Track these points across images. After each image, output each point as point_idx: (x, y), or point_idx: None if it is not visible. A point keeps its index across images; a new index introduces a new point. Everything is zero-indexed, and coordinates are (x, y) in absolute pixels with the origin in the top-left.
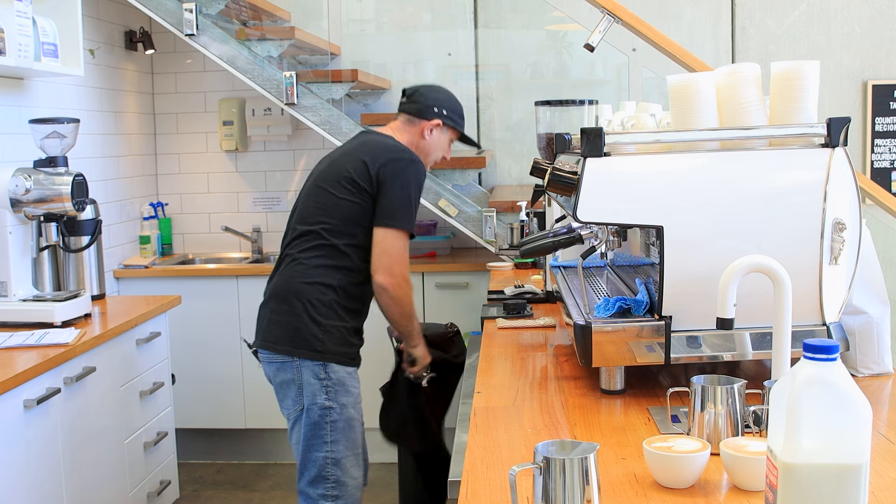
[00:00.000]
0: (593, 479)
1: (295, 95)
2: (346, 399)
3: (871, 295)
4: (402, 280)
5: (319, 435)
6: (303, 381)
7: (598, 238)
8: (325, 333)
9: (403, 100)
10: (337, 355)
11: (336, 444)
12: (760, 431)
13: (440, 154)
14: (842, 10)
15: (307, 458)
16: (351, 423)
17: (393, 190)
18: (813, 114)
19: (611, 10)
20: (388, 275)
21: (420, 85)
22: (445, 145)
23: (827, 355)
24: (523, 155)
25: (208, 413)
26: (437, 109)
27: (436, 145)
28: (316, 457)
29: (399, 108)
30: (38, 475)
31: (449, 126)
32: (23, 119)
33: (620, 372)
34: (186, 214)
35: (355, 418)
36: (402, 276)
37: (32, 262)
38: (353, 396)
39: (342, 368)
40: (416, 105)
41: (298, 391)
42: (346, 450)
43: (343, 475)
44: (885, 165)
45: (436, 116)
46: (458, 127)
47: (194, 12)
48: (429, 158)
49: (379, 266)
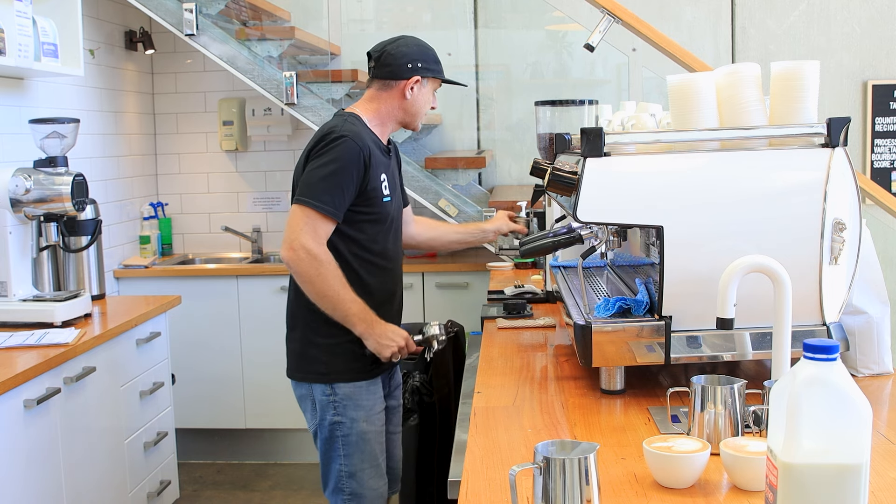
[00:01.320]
0: (593, 479)
1: (295, 95)
2: (356, 413)
3: (871, 295)
4: (302, 253)
5: (333, 448)
6: (315, 398)
7: (598, 238)
8: (328, 354)
9: (371, 64)
10: (342, 373)
11: (350, 458)
12: (760, 431)
13: (427, 107)
14: (842, 10)
15: (326, 469)
16: (364, 437)
17: (308, 170)
18: (813, 114)
19: (611, 10)
20: (285, 248)
21: (383, 42)
22: (430, 97)
23: (827, 355)
24: (523, 155)
25: (208, 413)
26: (412, 65)
27: (420, 101)
28: (332, 469)
29: (370, 74)
30: (37, 475)
31: (429, 77)
32: (23, 119)
33: (620, 372)
34: (186, 214)
35: (369, 431)
36: (303, 248)
37: (32, 262)
38: (364, 410)
39: (350, 385)
40: (387, 68)
41: (313, 407)
42: (362, 462)
43: (359, 487)
44: (885, 165)
45: (412, 73)
46: (438, 75)
47: (194, 12)
48: (417, 118)
49: (281, 242)
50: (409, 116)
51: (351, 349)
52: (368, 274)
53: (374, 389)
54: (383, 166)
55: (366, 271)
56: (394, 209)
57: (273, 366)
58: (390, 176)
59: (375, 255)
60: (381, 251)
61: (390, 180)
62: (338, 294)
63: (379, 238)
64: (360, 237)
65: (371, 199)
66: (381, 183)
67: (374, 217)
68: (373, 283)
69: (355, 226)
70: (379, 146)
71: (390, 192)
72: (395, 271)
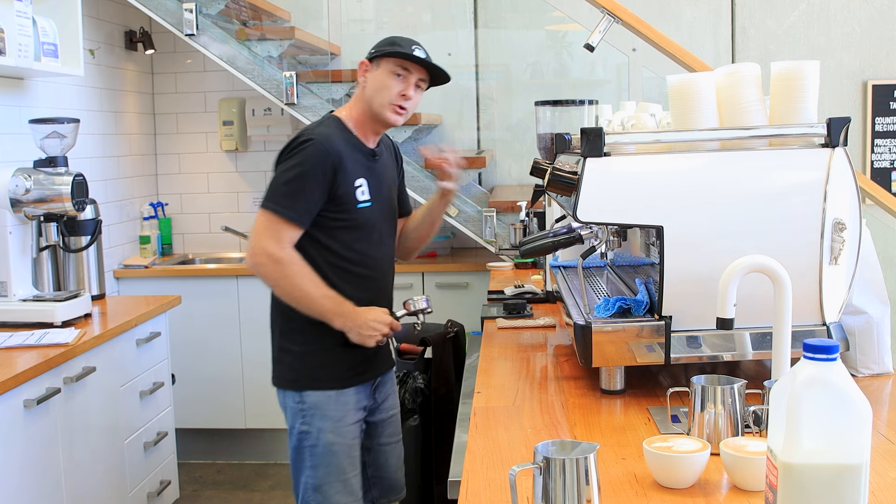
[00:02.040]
0: (593, 479)
1: (295, 95)
2: (323, 423)
3: (871, 295)
4: (263, 258)
5: (301, 459)
6: (286, 405)
7: (598, 238)
8: (299, 361)
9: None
10: (312, 381)
11: (316, 470)
12: (760, 431)
13: (387, 92)
14: (842, 10)
15: (296, 481)
16: (330, 449)
17: (275, 174)
18: (813, 114)
19: (611, 10)
20: (248, 254)
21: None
22: (388, 80)
23: (827, 355)
24: (523, 155)
25: (208, 413)
26: (368, 54)
27: (374, 86)
28: (301, 481)
29: None
30: (37, 475)
31: (378, 58)
32: (23, 119)
33: (620, 372)
34: (186, 214)
35: (336, 443)
36: (264, 253)
37: (32, 262)
38: (331, 420)
39: (318, 393)
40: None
41: (286, 414)
42: (328, 476)
43: (324, 501)
44: (885, 165)
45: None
46: (386, 53)
47: (194, 12)
48: (378, 106)
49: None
50: (373, 107)
51: (322, 357)
52: (343, 282)
53: (345, 400)
54: (363, 170)
55: (340, 279)
56: (375, 215)
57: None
58: (374, 180)
59: (351, 262)
60: (358, 259)
61: (373, 185)
62: (307, 293)
63: (355, 245)
64: (333, 244)
65: (343, 205)
66: (356, 188)
67: (347, 223)
68: (348, 291)
69: (328, 232)
70: (360, 149)
71: (371, 198)
72: (377, 280)
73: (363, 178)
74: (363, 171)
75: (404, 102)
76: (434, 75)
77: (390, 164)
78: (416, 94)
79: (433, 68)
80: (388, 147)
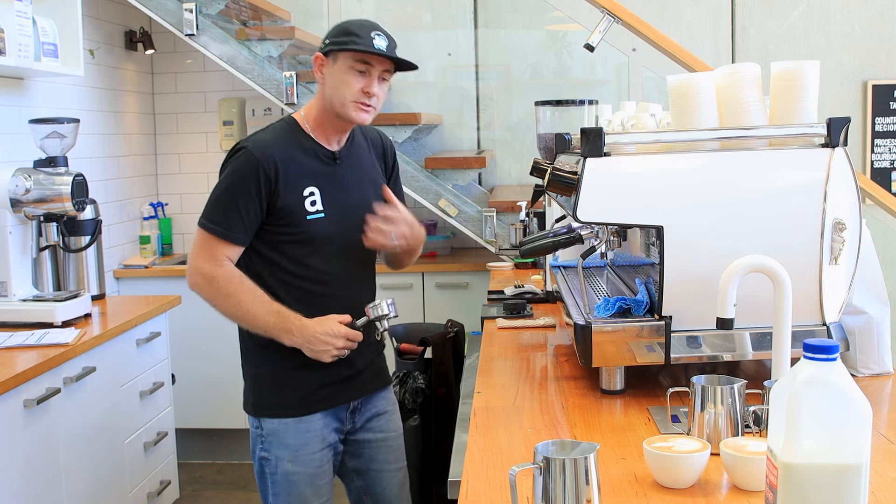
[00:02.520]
0: (593, 479)
1: (295, 95)
2: (282, 452)
3: (871, 295)
4: (198, 278)
5: (264, 485)
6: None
7: (598, 238)
8: (255, 384)
9: None
10: (268, 408)
11: (277, 498)
12: (760, 431)
13: (347, 89)
14: (842, 10)
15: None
16: (290, 478)
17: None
18: (813, 114)
19: (611, 10)
20: (186, 274)
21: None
22: (346, 77)
23: (827, 355)
24: (523, 155)
25: (208, 413)
26: (322, 45)
27: (333, 83)
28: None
29: None
30: (37, 475)
31: (334, 52)
32: (23, 119)
33: (620, 372)
34: (186, 214)
35: (296, 472)
36: (199, 273)
37: (32, 262)
38: (289, 449)
39: (275, 421)
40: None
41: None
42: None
43: None
44: (885, 165)
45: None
46: (342, 47)
47: (194, 12)
48: (335, 102)
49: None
50: (335, 106)
51: (277, 380)
52: (296, 300)
53: (306, 428)
54: (315, 177)
55: (292, 297)
56: (331, 227)
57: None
58: (331, 187)
59: (304, 279)
60: (312, 276)
61: (329, 193)
62: (249, 311)
63: (307, 261)
64: (282, 260)
65: (288, 218)
66: (305, 198)
67: (295, 237)
68: (303, 311)
69: (275, 247)
70: (316, 152)
71: (325, 208)
72: (337, 297)
73: (314, 187)
74: (316, 179)
75: (368, 100)
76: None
77: (368, 164)
78: (381, 88)
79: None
80: (370, 143)
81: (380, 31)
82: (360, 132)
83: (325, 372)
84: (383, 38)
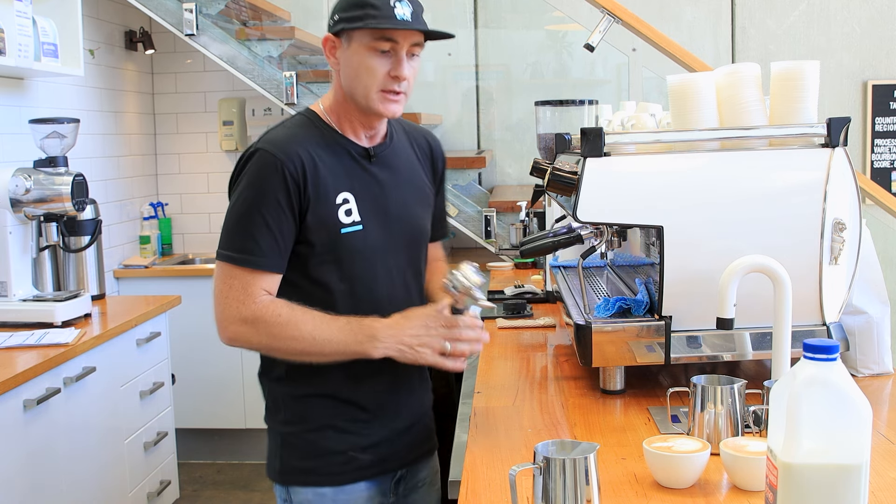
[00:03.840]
0: (593, 479)
1: (295, 95)
2: None
3: (871, 295)
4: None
5: None
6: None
7: (598, 238)
8: (284, 445)
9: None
10: (298, 474)
11: None
12: (760, 431)
13: (370, 78)
14: (842, 10)
15: None
16: None
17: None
18: (813, 114)
19: (611, 10)
20: (218, 331)
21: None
22: (366, 61)
23: (827, 355)
24: (523, 155)
25: (208, 413)
26: (331, 22)
27: (351, 69)
28: None
29: None
30: (37, 475)
31: (349, 31)
32: (23, 119)
33: (620, 372)
34: (186, 214)
35: None
36: (231, 320)
37: (32, 262)
38: None
39: (309, 490)
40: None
41: None
42: None
43: None
44: (885, 165)
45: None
46: (356, 24)
47: (194, 12)
48: (356, 92)
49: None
50: (356, 97)
51: (310, 441)
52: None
53: (347, 500)
54: (348, 179)
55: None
56: (372, 243)
57: None
58: (369, 191)
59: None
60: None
61: (366, 199)
62: (314, 339)
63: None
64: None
65: (317, 233)
66: (338, 207)
67: (325, 258)
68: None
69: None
70: (347, 148)
71: (362, 219)
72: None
73: (348, 192)
74: (349, 182)
75: (398, 86)
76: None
77: (411, 167)
78: (410, 67)
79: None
80: (414, 144)
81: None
82: (400, 128)
83: (370, 427)
84: (406, 4)
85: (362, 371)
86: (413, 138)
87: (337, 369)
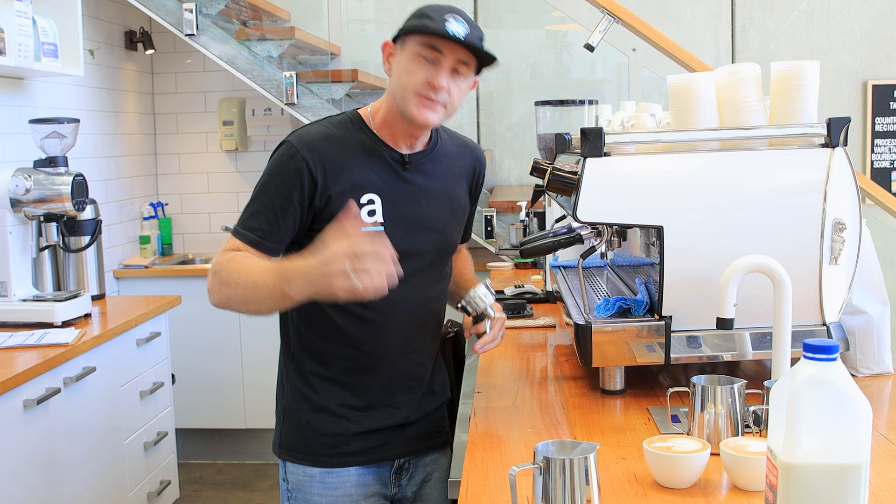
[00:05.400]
0: (593, 479)
1: (295, 95)
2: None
3: (871, 295)
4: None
5: None
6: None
7: (598, 238)
8: (285, 419)
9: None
10: (291, 451)
11: None
12: (760, 431)
13: (409, 80)
14: (842, 10)
15: None
16: None
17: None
18: (813, 114)
19: (611, 10)
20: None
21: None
22: (410, 65)
23: (827, 355)
24: (523, 155)
25: (208, 413)
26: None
27: (396, 74)
28: None
29: None
30: (37, 475)
31: (403, 37)
32: (23, 119)
33: (620, 372)
34: (186, 214)
35: None
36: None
37: (32, 262)
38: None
39: (299, 469)
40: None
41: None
42: None
43: None
44: (885, 165)
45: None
46: (410, 29)
47: (194, 12)
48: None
49: None
50: (397, 101)
51: (304, 420)
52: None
53: (334, 483)
54: (378, 183)
55: (347, 322)
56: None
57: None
58: (398, 198)
59: (349, 315)
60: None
61: (393, 203)
62: (246, 282)
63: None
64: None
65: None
66: (361, 207)
67: None
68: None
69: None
70: (382, 154)
71: (385, 220)
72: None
73: (375, 195)
74: (378, 186)
75: (435, 94)
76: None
77: (450, 177)
78: (454, 83)
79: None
80: (459, 155)
81: (457, 15)
82: (448, 139)
83: (364, 417)
84: (461, 24)
85: (362, 364)
86: (460, 152)
87: (339, 356)
